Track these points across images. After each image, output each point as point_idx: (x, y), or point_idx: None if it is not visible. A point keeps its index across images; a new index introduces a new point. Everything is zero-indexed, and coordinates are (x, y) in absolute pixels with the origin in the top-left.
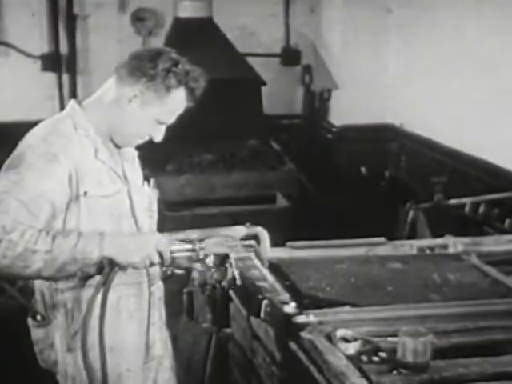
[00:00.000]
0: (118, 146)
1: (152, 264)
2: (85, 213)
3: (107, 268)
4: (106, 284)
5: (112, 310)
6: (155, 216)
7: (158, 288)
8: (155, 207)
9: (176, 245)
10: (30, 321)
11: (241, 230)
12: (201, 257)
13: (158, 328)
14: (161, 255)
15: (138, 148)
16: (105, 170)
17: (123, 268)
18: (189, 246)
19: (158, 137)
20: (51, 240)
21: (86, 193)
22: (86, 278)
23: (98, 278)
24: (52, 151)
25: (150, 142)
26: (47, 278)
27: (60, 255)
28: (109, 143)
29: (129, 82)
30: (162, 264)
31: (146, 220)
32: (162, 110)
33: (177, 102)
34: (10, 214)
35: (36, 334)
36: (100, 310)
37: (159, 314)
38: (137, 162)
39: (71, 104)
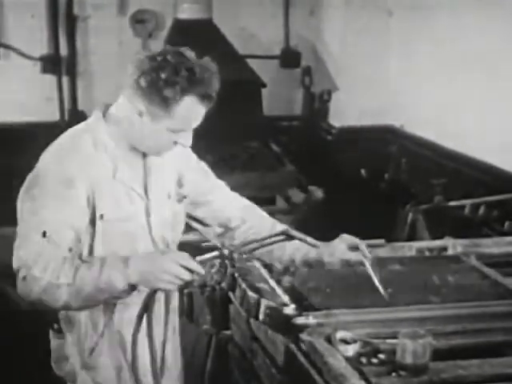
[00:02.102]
0: (145, 155)
1: (187, 282)
2: (100, 235)
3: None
4: (144, 307)
5: (130, 328)
6: (180, 227)
7: (174, 300)
8: (181, 217)
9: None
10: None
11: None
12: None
13: (170, 340)
14: (189, 270)
15: None
16: (123, 189)
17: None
18: (216, 253)
19: (186, 142)
20: (74, 272)
21: (102, 216)
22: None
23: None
24: (68, 175)
25: None
26: (79, 309)
27: (84, 287)
28: (132, 157)
29: (133, 95)
30: (197, 276)
31: (167, 234)
32: (174, 121)
33: (188, 110)
34: (31, 248)
35: (53, 342)
36: (134, 329)
37: (173, 326)
38: (169, 168)
39: (95, 116)
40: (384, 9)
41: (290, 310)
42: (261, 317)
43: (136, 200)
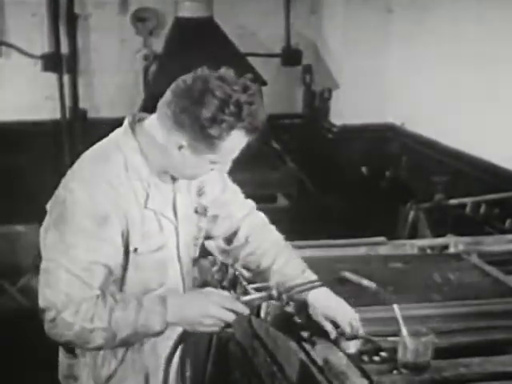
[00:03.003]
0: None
1: (229, 325)
2: (133, 268)
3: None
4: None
5: (153, 355)
6: (200, 242)
7: None
8: (203, 233)
9: (248, 295)
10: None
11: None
12: (284, 303)
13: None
14: (234, 311)
15: None
16: (154, 217)
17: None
18: (263, 294)
19: (224, 170)
20: (108, 314)
21: (136, 250)
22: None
23: None
24: (101, 211)
25: None
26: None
27: (119, 331)
28: (163, 178)
29: (172, 130)
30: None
31: (191, 250)
32: (217, 155)
33: (234, 144)
34: (61, 289)
35: (62, 359)
36: (166, 361)
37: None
38: (196, 183)
39: (125, 131)
40: (384, 7)
41: (291, 308)
42: (262, 315)
43: (167, 226)
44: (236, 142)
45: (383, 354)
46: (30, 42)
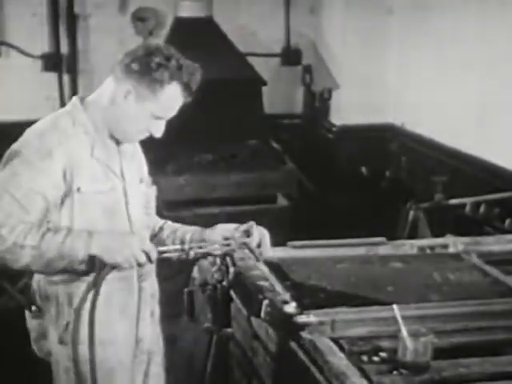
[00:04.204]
0: (118, 143)
1: (139, 264)
2: (78, 208)
3: (98, 266)
4: (97, 281)
5: (102, 303)
6: (153, 213)
7: (151, 285)
8: (153, 204)
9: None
10: (26, 311)
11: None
12: (191, 257)
13: (148, 324)
14: (147, 255)
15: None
16: (100, 167)
17: (113, 267)
18: (177, 247)
19: (158, 133)
20: (40, 236)
21: (79, 189)
22: (78, 273)
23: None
24: (47, 147)
25: (151, 142)
26: (37, 272)
27: (47, 251)
28: (108, 141)
29: (123, 78)
30: (150, 262)
31: (142, 217)
32: (157, 105)
33: (171, 97)
34: (2, 209)
35: (30, 323)
36: (90, 306)
37: (150, 310)
38: (138, 158)
39: (73, 101)
40: (384, 7)
41: (291, 308)
42: (262, 315)
43: (113, 178)
44: (173, 93)
45: (383, 354)
46: (30, 41)
